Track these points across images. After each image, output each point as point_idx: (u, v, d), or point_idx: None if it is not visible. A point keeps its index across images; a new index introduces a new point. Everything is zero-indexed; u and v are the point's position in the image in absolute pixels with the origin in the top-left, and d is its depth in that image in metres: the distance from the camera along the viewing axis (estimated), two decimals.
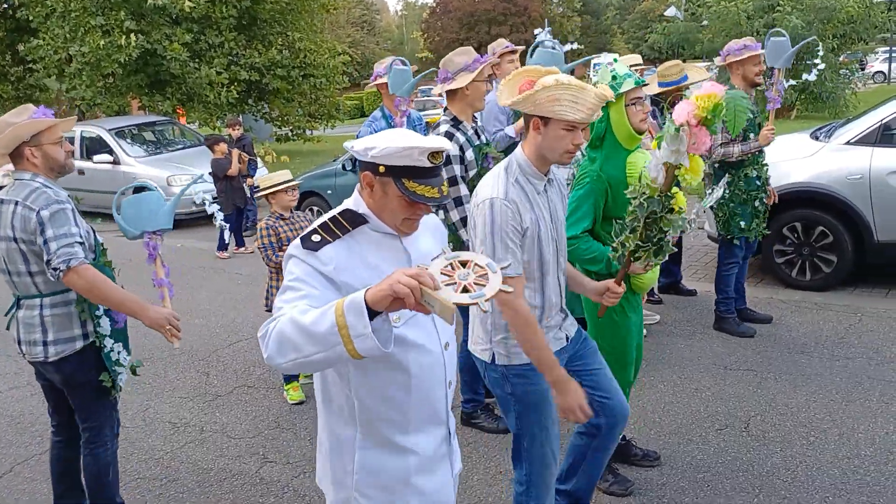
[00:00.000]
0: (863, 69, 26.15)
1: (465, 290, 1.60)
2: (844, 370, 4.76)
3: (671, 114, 2.59)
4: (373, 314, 1.58)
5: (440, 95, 4.50)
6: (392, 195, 1.89)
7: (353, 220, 1.94)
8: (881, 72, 35.59)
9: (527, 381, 2.68)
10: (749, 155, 5.06)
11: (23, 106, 3.16)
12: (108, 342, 3.26)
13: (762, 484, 3.61)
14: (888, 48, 34.86)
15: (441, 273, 1.62)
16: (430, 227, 2.14)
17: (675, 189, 2.75)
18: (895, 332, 5.30)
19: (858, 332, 5.36)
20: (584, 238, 3.23)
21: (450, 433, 2.12)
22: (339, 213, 1.96)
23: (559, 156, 2.54)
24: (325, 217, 1.96)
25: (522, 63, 4.82)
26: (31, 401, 5.16)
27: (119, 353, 3.30)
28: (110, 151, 12.26)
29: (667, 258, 2.98)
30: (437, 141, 1.85)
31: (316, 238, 1.88)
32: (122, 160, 12.12)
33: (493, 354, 2.70)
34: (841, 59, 20.84)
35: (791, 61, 5.07)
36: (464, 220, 4.07)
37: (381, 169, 1.86)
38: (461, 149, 3.98)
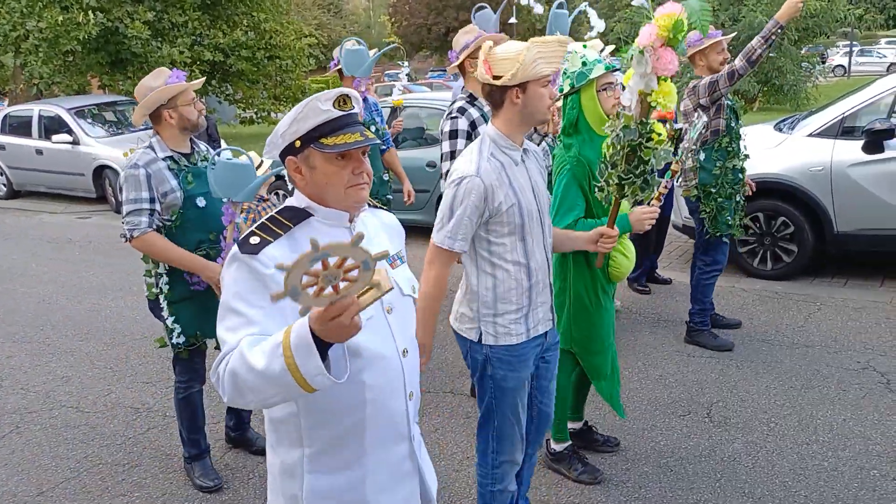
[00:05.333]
0: (823, 63, 26.59)
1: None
2: (804, 358, 4.86)
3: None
4: (326, 345, 1.48)
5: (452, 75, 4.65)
6: (319, 164, 1.76)
7: (294, 215, 1.80)
8: (841, 65, 36.26)
9: (508, 366, 2.69)
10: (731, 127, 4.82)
11: (158, 69, 3.47)
12: (164, 303, 3.55)
13: (724, 469, 3.67)
14: (848, 43, 35.53)
15: (308, 276, 1.38)
16: (387, 227, 2.01)
17: (655, 123, 2.74)
18: (853, 322, 5.43)
19: (817, 321, 5.47)
20: (578, 224, 3.12)
21: (414, 450, 1.95)
22: (278, 212, 1.82)
23: (543, 113, 2.55)
24: (265, 217, 1.84)
25: None
26: None
27: (171, 316, 3.55)
28: (70, 131, 11.95)
29: (656, 192, 2.93)
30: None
31: (254, 240, 1.72)
32: (82, 140, 11.84)
33: (481, 333, 2.68)
34: (803, 52, 21.18)
35: None
36: None
37: (297, 144, 1.75)
38: (472, 124, 3.97)
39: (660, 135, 2.73)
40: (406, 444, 1.92)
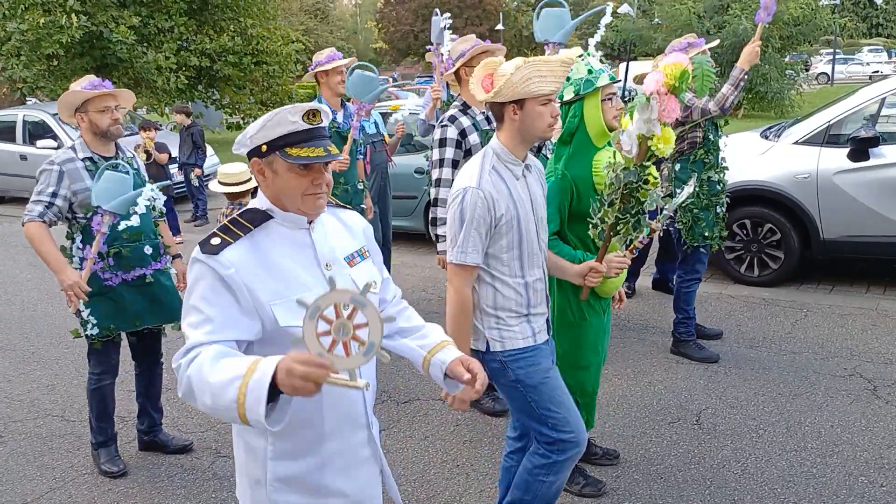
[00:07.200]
0: (807, 70, 26.87)
1: (355, 338, 1.58)
2: (791, 365, 4.88)
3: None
4: (276, 391, 1.57)
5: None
6: (282, 171, 1.83)
7: (255, 218, 1.88)
8: (825, 73, 36.64)
9: (525, 362, 2.69)
10: (713, 145, 4.84)
11: (87, 76, 3.70)
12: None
13: (713, 476, 3.68)
14: (831, 50, 35.91)
15: (319, 338, 1.55)
16: (347, 226, 2.07)
17: (651, 167, 2.82)
18: (839, 328, 5.47)
19: (804, 328, 5.50)
20: (551, 241, 3.09)
21: (372, 436, 2.04)
22: (239, 214, 1.90)
23: (543, 131, 2.57)
24: (227, 219, 1.91)
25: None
26: None
27: (87, 308, 3.68)
28: (54, 137, 11.88)
29: (646, 237, 3.03)
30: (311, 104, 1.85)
31: (215, 241, 1.81)
32: (67, 146, 11.74)
33: (488, 342, 2.70)
34: (786, 59, 21.39)
35: None
36: (436, 202, 4.11)
37: (264, 148, 1.82)
38: (462, 133, 4.02)
39: (656, 178, 2.84)
40: (364, 432, 2.01)
